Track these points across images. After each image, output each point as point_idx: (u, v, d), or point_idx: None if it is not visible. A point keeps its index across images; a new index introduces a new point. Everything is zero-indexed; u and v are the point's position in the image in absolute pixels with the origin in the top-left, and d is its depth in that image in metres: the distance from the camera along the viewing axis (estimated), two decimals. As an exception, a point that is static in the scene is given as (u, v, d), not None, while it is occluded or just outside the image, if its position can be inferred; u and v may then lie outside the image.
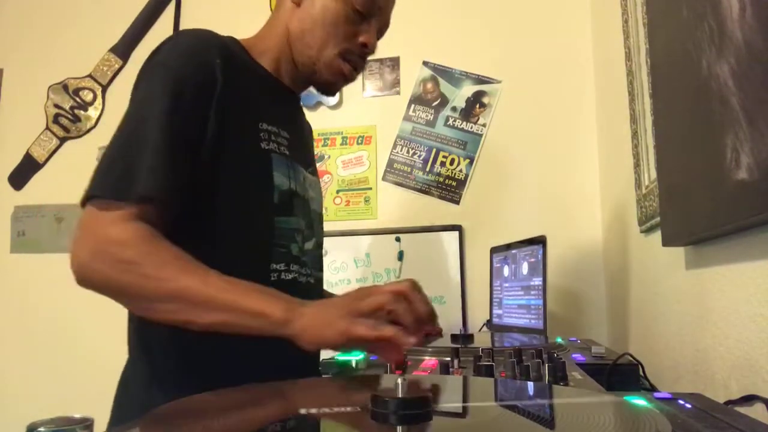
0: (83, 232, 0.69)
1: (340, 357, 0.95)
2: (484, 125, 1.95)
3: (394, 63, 2.05)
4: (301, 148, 0.95)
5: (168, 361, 0.77)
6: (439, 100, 1.99)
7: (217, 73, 0.78)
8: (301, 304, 0.66)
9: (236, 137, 0.80)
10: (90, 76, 2.30)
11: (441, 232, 1.89)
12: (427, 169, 1.96)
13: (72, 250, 0.68)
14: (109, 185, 0.69)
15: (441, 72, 2.01)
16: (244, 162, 0.81)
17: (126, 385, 0.81)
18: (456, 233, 1.87)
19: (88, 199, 0.70)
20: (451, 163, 1.94)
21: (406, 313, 0.63)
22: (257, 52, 0.90)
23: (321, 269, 0.99)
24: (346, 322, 0.62)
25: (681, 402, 0.58)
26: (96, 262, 0.66)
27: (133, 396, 0.79)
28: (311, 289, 0.92)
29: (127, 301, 0.70)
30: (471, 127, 1.95)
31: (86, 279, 0.68)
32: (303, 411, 0.49)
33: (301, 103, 1.04)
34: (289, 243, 0.86)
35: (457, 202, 1.92)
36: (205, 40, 0.81)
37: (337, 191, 2.01)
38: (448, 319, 1.80)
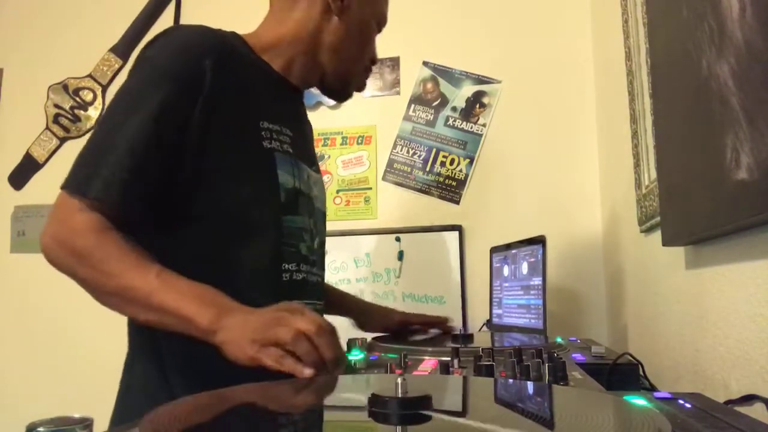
0: (53, 218, 0.73)
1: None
2: (484, 125, 1.95)
3: (394, 63, 2.05)
4: (304, 145, 0.94)
5: (169, 359, 0.77)
6: (439, 100, 1.99)
7: (207, 72, 0.76)
8: (231, 312, 0.66)
9: (236, 137, 0.79)
10: (90, 76, 2.30)
11: (441, 232, 1.89)
12: (427, 169, 1.96)
13: (42, 231, 0.72)
14: (75, 180, 0.73)
15: (441, 72, 2.01)
16: (247, 161, 0.80)
17: (128, 384, 0.81)
18: (456, 233, 1.87)
19: (63, 188, 0.74)
20: (451, 163, 1.94)
21: (306, 354, 0.62)
22: (261, 48, 0.88)
23: (324, 268, 0.99)
24: (254, 349, 0.62)
25: (681, 402, 0.58)
26: (56, 247, 0.71)
27: (135, 396, 0.79)
28: (319, 288, 0.92)
29: (87, 289, 0.73)
30: (471, 127, 1.95)
31: (51, 261, 0.72)
32: (304, 410, 0.49)
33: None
34: (298, 242, 0.86)
35: (457, 202, 1.92)
36: (200, 37, 0.80)
37: (337, 191, 2.01)
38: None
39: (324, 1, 0.88)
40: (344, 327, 1.75)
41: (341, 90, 0.97)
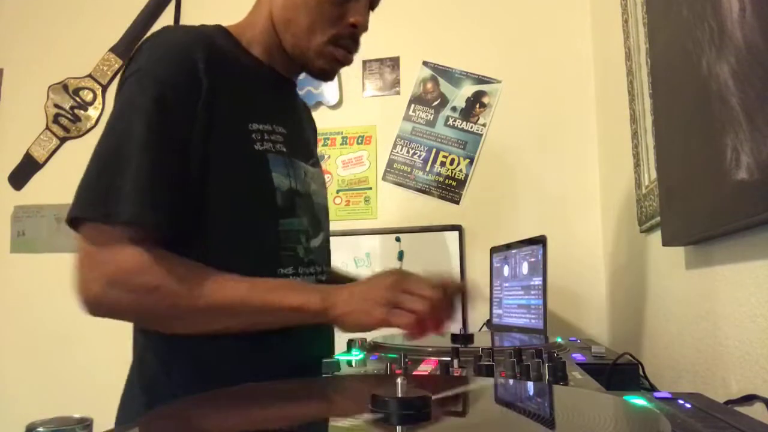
0: (88, 261, 0.67)
1: (341, 357, 0.95)
2: (484, 125, 1.95)
3: (394, 63, 2.05)
4: (299, 141, 0.90)
5: (175, 361, 0.77)
6: (439, 100, 1.99)
7: (201, 76, 0.73)
8: (334, 292, 0.72)
9: (227, 141, 0.76)
10: (90, 76, 2.30)
11: (441, 232, 1.89)
12: (427, 169, 1.96)
13: (79, 280, 0.66)
14: (94, 207, 0.67)
15: (441, 72, 2.01)
16: (240, 166, 0.77)
17: (131, 386, 0.81)
18: (456, 233, 1.87)
19: (75, 219, 0.68)
20: (451, 163, 1.94)
21: (431, 326, 0.71)
22: (246, 41, 0.85)
23: (329, 263, 0.96)
24: (383, 312, 0.69)
25: (681, 402, 0.58)
26: (114, 291, 0.66)
27: (136, 396, 0.78)
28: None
29: (153, 321, 0.70)
30: (471, 127, 1.95)
31: (102, 308, 0.67)
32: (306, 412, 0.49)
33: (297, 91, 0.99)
34: (295, 245, 0.84)
35: (457, 202, 1.92)
36: (187, 39, 0.76)
37: (337, 191, 2.01)
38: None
39: None
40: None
41: (309, 67, 0.86)
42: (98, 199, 0.67)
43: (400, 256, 1.89)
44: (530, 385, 0.61)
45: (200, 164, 0.73)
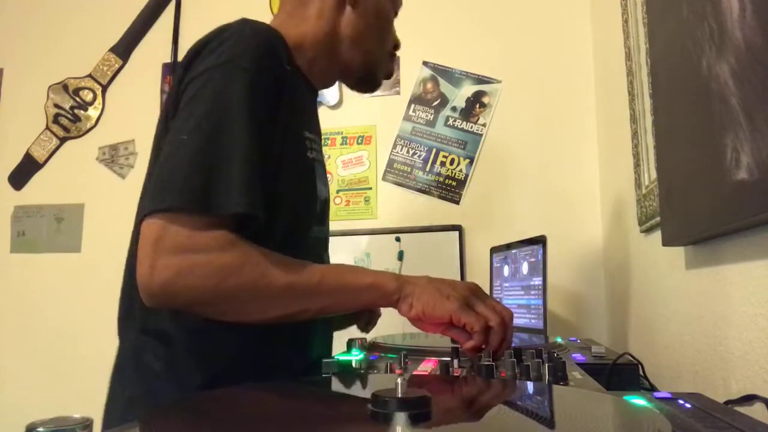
0: (160, 247, 0.62)
1: (341, 357, 0.95)
2: (484, 125, 1.95)
3: (394, 63, 2.04)
4: (322, 149, 0.92)
5: (176, 362, 0.76)
6: (439, 100, 1.99)
7: (287, 78, 0.73)
8: (407, 277, 0.73)
9: (291, 148, 0.76)
10: (90, 76, 2.30)
11: (441, 232, 1.89)
12: (427, 169, 1.96)
13: (148, 268, 0.62)
14: (192, 198, 0.63)
15: (441, 72, 2.01)
16: (298, 171, 0.78)
17: (121, 388, 0.79)
18: (456, 233, 1.87)
19: (157, 211, 0.63)
20: (451, 163, 1.94)
21: (496, 340, 0.70)
22: (291, 49, 0.84)
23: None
24: (457, 307, 0.70)
25: (681, 402, 0.58)
26: (187, 277, 0.62)
27: (133, 399, 0.77)
28: None
29: (225, 307, 0.67)
30: (471, 127, 1.95)
31: (172, 295, 0.63)
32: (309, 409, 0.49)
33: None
34: (322, 253, 0.85)
35: (457, 202, 1.92)
36: (274, 38, 0.75)
37: (337, 191, 2.01)
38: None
39: None
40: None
41: (371, 81, 0.95)
42: (198, 190, 0.63)
43: (400, 256, 1.89)
44: (530, 385, 0.61)
45: (275, 164, 0.72)
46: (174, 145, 0.67)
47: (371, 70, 0.92)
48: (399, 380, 0.41)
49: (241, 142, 0.66)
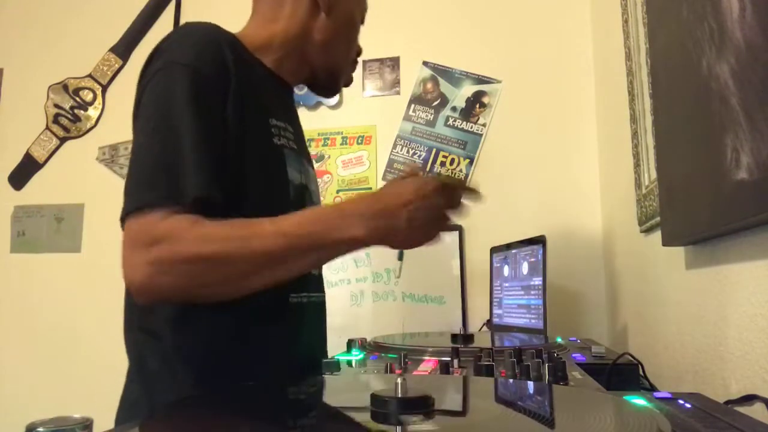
0: (135, 245, 0.65)
1: (341, 357, 0.96)
2: (484, 125, 1.95)
3: (394, 63, 2.05)
4: (302, 141, 0.95)
5: (176, 361, 0.76)
6: (439, 100, 1.99)
7: (231, 67, 0.76)
8: (370, 215, 0.72)
9: (252, 134, 0.78)
10: (90, 76, 2.30)
11: (441, 232, 1.89)
12: (427, 169, 1.96)
13: (130, 267, 0.64)
14: (158, 195, 0.66)
15: (441, 72, 2.01)
16: (262, 159, 0.80)
17: (131, 386, 0.79)
18: (456, 233, 1.87)
19: (128, 214, 0.66)
20: (451, 163, 1.94)
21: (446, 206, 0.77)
22: (255, 47, 0.87)
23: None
24: (421, 234, 0.76)
25: (681, 402, 0.58)
26: (164, 265, 0.64)
27: (138, 397, 0.78)
28: (320, 280, 0.93)
29: (213, 287, 0.67)
30: (471, 127, 1.95)
31: (157, 288, 0.65)
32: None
33: (301, 103, 1.04)
34: None
35: (457, 202, 1.92)
36: (215, 34, 0.79)
37: (337, 191, 2.01)
38: (448, 319, 1.81)
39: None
40: (344, 327, 1.75)
41: (332, 86, 0.98)
42: (161, 187, 0.67)
43: (400, 255, 1.88)
44: (530, 385, 0.61)
45: (233, 155, 0.74)
46: (133, 150, 0.71)
47: (335, 75, 0.95)
48: (399, 380, 0.41)
49: (189, 134, 0.69)
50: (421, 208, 0.73)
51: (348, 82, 0.99)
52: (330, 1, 0.89)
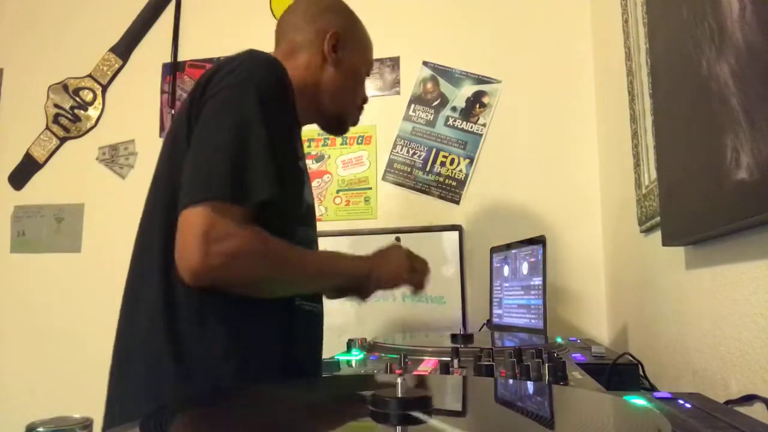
0: (209, 235, 0.73)
1: (341, 357, 0.96)
2: (484, 125, 1.95)
3: (394, 63, 2.05)
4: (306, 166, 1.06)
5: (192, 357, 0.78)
6: (439, 100, 1.99)
7: (289, 95, 0.87)
8: (372, 258, 0.98)
9: (286, 156, 0.86)
10: (90, 76, 2.30)
11: (441, 232, 1.89)
12: (427, 169, 1.96)
13: (201, 253, 0.73)
14: (227, 189, 0.75)
15: (441, 72, 2.01)
16: (289, 179, 0.88)
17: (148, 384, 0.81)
18: (456, 233, 1.87)
19: (199, 201, 0.74)
20: (451, 163, 1.94)
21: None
22: None
23: None
24: (408, 274, 1.00)
25: (681, 402, 0.58)
26: (240, 259, 0.75)
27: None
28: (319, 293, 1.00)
29: (263, 286, 0.81)
30: (471, 127, 1.95)
31: (225, 279, 0.75)
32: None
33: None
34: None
35: (457, 202, 1.92)
36: (279, 64, 0.89)
37: (337, 191, 2.01)
38: (448, 319, 1.81)
39: (322, 53, 1.00)
40: (343, 327, 1.75)
41: (340, 127, 1.11)
42: (231, 182, 0.76)
43: (400, 256, 1.88)
44: (530, 385, 0.61)
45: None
46: (208, 149, 0.78)
47: (342, 119, 1.08)
48: (399, 380, 0.41)
49: (259, 144, 0.78)
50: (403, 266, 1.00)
51: (355, 122, 1.12)
52: (337, 56, 1.01)
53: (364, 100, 1.13)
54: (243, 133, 0.78)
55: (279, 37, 1.06)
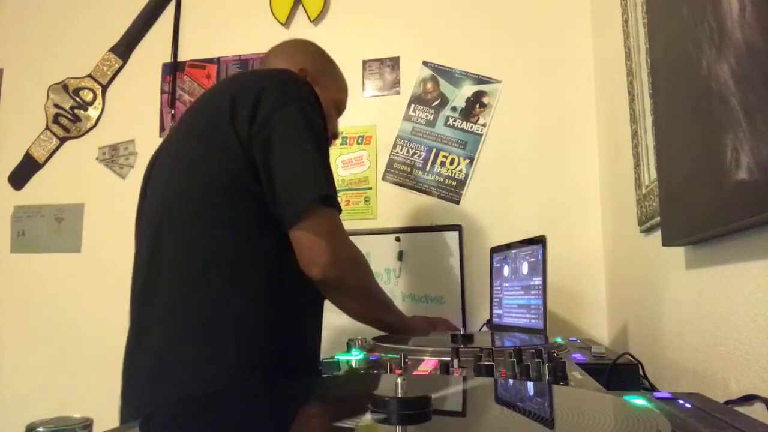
0: (336, 238, 0.90)
1: (341, 357, 0.95)
2: (484, 125, 1.95)
3: (394, 63, 2.05)
4: None
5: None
6: (439, 100, 1.99)
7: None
8: (407, 318, 1.26)
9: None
10: (90, 76, 2.30)
11: (441, 232, 1.89)
12: (427, 169, 1.96)
13: (330, 255, 0.87)
14: (332, 194, 0.88)
15: (441, 72, 2.01)
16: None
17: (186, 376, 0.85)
18: (456, 233, 1.87)
19: (315, 200, 0.88)
20: (451, 163, 1.94)
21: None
22: None
23: None
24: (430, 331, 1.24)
25: (681, 402, 0.58)
26: (354, 267, 0.91)
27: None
28: None
29: (365, 303, 1.07)
30: (471, 127, 1.95)
31: (343, 280, 0.91)
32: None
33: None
34: None
35: (457, 202, 1.92)
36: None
37: (337, 191, 2.01)
38: (448, 319, 1.80)
39: None
40: (343, 327, 1.76)
41: None
42: (329, 186, 0.90)
43: (400, 256, 1.89)
44: (530, 385, 0.61)
45: None
46: (300, 156, 0.90)
47: None
48: (399, 380, 0.41)
49: (328, 156, 0.94)
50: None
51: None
52: None
53: (335, 135, 1.23)
54: (322, 148, 0.92)
55: None
